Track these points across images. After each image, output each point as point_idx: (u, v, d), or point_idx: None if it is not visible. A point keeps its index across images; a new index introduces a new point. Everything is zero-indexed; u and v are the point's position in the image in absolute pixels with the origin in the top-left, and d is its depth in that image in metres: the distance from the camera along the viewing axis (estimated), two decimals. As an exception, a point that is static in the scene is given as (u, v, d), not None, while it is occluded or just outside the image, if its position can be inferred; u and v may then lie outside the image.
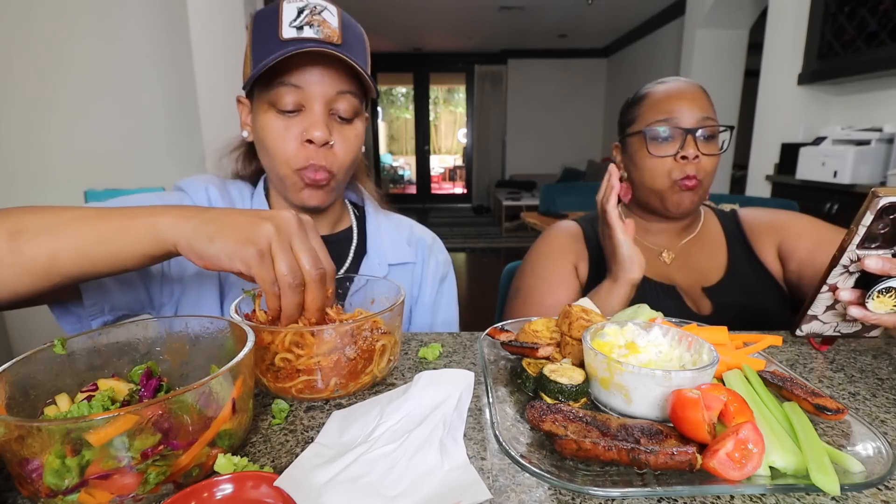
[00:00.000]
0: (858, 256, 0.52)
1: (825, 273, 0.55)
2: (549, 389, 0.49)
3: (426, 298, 0.89)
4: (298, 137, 0.69)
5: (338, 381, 0.53)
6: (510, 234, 6.64)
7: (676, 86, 0.88)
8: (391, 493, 0.37)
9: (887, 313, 0.53)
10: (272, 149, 0.70)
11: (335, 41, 0.66)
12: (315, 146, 0.69)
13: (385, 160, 10.55)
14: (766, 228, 0.93)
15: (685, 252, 0.95)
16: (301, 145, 0.69)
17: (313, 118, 0.68)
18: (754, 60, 3.46)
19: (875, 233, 0.50)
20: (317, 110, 0.68)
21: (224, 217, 0.51)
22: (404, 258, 0.86)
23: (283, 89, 0.67)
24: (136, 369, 0.49)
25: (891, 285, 0.51)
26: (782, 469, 0.39)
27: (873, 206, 0.49)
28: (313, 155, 0.69)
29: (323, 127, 0.68)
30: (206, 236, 0.49)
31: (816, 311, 0.59)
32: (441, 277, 0.91)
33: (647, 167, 0.88)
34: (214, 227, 0.49)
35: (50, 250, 0.49)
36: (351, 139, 0.72)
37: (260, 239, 0.48)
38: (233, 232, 0.49)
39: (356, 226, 0.88)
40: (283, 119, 0.69)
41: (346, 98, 0.70)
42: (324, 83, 0.68)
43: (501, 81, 8.12)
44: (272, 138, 0.69)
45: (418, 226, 0.95)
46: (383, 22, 6.11)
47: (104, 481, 0.35)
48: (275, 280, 0.49)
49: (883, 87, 2.46)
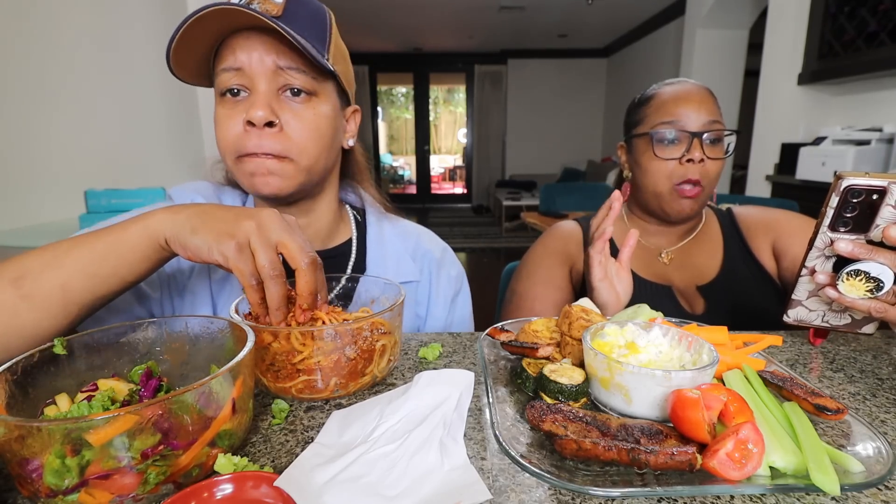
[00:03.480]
0: (831, 240, 0.53)
1: (805, 255, 0.56)
2: (549, 389, 0.49)
3: (436, 319, 0.83)
4: (242, 122, 0.63)
5: (338, 381, 0.53)
6: (510, 234, 6.64)
7: (684, 88, 0.88)
8: (391, 493, 0.37)
9: (861, 298, 0.53)
10: (218, 138, 0.65)
11: (274, 13, 0.62)
12: (257, 128, 0.63)
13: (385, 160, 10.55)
14: (762, 226, 0.93)
15: (684, 252, 0.95)
16: (244, 130, 0.63)
17: (254, 97, 0.63)
18: (754, 60, 3.46)
19: (845, 216, 0.51)
20: (260, 89, 0.63)
21: (209, 212, 0.52)
22: (407, 276, 0.80)
23: (225, 75, 0.63)
24: (136, 369, 0.49)
25: (859, 268, 0.51)
26: (782, 469, 0.39)
27: (837, 187, 0.50)
28: (256, 138, 0.63)
29: (264, 106, 0.62)
30: (189, 229, 0.51)
31: (800, 295, 0.59)
32: (453, 294, 0.85)
33: (651, 169, 0.88)
34: (198, 221, 0.51)
35: (59, 283, 0.50)
36: (308, 119, 0.65)
37: (239, 233, 0.50)
38: (214, 225, 0.50)
39: (356, 237, 0.82)
40: (227, 105, 0.65)
41: (292, 74, 0.64)
42: (263, 61, 0.62)
43: (501, 81, 8.12)
44: (217, 128, 0.65)
45: (427, 236, 0.87)
46: (383, 22, 6.12)
47: (104, 481, 0.35)
48: (252, 272, 0.50)
49: (883, 87, 2.46)
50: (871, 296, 0.52)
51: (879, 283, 0.51)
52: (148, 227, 0.52)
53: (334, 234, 0.81)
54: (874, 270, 0.50)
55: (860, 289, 0.52)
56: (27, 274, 0.50)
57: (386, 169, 10.61)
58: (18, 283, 0.50)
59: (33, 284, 0.50)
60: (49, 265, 0.51)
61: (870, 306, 0.53)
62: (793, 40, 2.82)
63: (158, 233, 0.51)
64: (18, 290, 0.50)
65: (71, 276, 0.51)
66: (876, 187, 0.49)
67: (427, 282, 0.83)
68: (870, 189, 0.49)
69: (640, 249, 0.96)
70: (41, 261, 0.51)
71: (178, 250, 0.52)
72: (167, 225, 0.51)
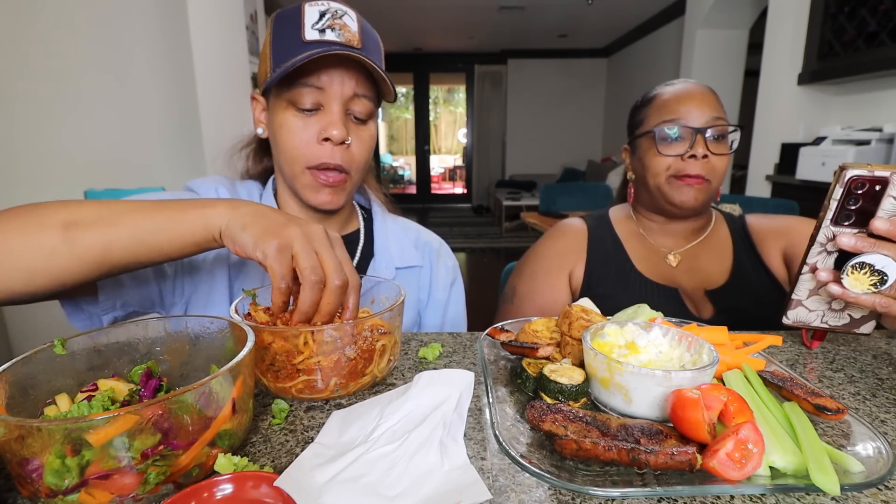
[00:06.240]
0: (833, 234, 0.53)
1: (805, 252, 0.55)
2: (549, 389, 0.49)
3: (437, 301, 0.89)
4: (316, 136, 0.70)
5: (338, 381, 0.53)
6: (510, 234, 6.64)
7: (685, 87, 0.88)
8: (391, 493, 0.37)
9: (865, 293, 0.52)
10: (289, 146, 0.71)
11: (355, 45, 0.69)
12: (332, 144, 0.70)
13: (385, 160, 10.55)
14: (773, 233, 0.93)
15: (692, 255, 0.94)
16: (318, 144, 0.71)
17: (332, 117, 0.70)
18: (754, 60, 3.46)
19: (847, 209, 0.51)
20: (335, 110, 0.70)
21: (263, 213, 0.54)
22: (411, 261, 0.87)
23: (305, 90, 0.69)
24: (136, 369, 0.49)
25: (864, 261, 0.51)
26: (782, 469, 0.39)
27: (841, 179, 0.50)
28: (329, 153, 0.71)
29: (341, 126, 0.70)
30: (240, 224, 0.52)
31: (800, 295, 0.59)
32: (451, 282, 0.91)
33: (653, 166, 0.88)
34: (250, 219, 0.53)
35: (106, 240, 0.52)
36: (366, 140, 0.75)
37: (283, 234, 0.51)
38: (263, 224, 0.52)
39: (363, 228, 0.88)
40: (301, 118, 0.70)
41: (361, 101, 0.72)
42: (344, 85, 0.70)
43: (501, 81, 8.11)
44: (289, 136, 0.71)
45: (425, 230, 0.95)
46: (383, 22, 6.11)
47: (104, 481, 0.35)
48: (284, 275, 0.50)
49: (883, 87, 2.46)
50: (875, 290, 0.52)
51: (884, 277, 0.50)
52: (208, 216, 0.53)
53: (346, 225, 0.87)
54: (879, 263, 0.50)
55: (864, 283, 0.52)
56: (80, 222, 0.51)
57: (386, 169, 10.61)
58: (69, 227, 0.51)
59: (81, 234, 0.51)
60: (102, 221, 0.52)
61: (874, 301, 0.52)
62: (793, 40, 2.82)
63: (215, 225, 0.53)
64: (65, 232, 0.51)
65: (119, 237, 0.52)
66: (879, 178, 0.49)
67: (428, 268, 0.90)
68: (873, 180, 0.49)
69: (646, 250, 0.95)
70: (96, 215, 0.52)
71: (228, 244, 0.53)
72: (225, 219, 0.53)
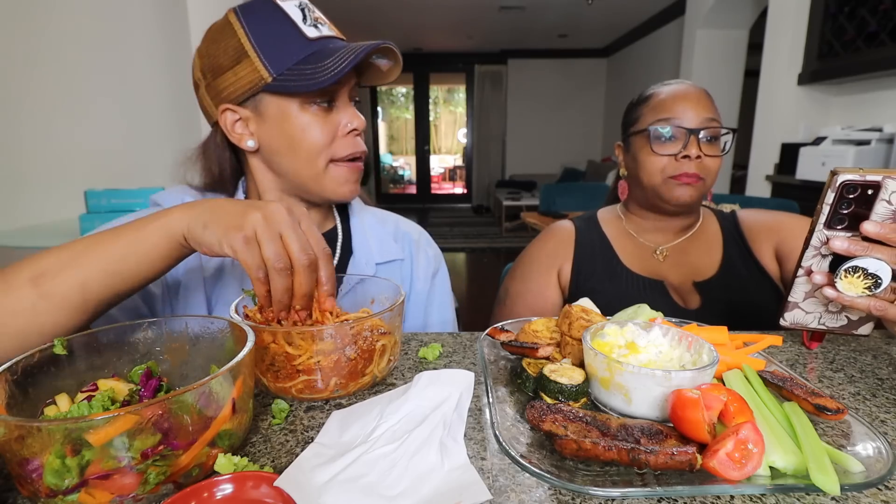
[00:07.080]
0: (827, 238, 0.53)
1: (800, 256, 0.55)
2: (549, 389, 0.49)
3: (417, 295, 0.88)
4: (338, 129, 0.72)
5: (338, 381, 0.53)
6: (510, 234, 6.63)
7: (681, 87, 0.89)
8: (391, 493, 0.37)
9: (860, 297, 0.52)
10: (316, 144, 0.71)
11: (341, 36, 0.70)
12: (356, 134, 0.73)
13: (385, 160, 10.54)
14: (764, 229, 0.94)
15: (680, 250, 0.95)
16: (343, 136, 0.72)
17: (349, 108, 0.73)
18: (754, 60, 3.46)
19: (840, 213, 0.51)
20: (345, 100, 0.73)
21: (220, 206, 0.53)
22: (391, 255, 0.86)
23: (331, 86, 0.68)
24: (136, 369, 0.49)
25: (857, 265, 0.51)
26: (782, 469, 0.39)
27: (833, 183, 0.50)
28: (355, 143, 0.73)
29: (360, 115, 0.73)
30: (201, 224, 0.52)
31: (796, 297, 0.58)
32: (433, 272, 0.90)
33: (647, 164, 0.89)
34: (209, 216, 0.52)
35: (78, 282, 0.51)
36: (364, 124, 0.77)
37: (246, 225, 0.50)
38: (223, 219, 0.51)
39: (340, 225, 0.87)
40: (320, 114, 0.71)
41: (355, 87, 0.74)
42: (349, 76, 0.72)
43: (501, 81, 8.11)
44: (315, 134, 0.71)
45: (404, 220, 0.94)
46: (383, 21, 6.11)
47: (104, 481, 0.35)
48: (260, 265, 0.50)
49: (883, 87, 2.46)
50: (870, 293, 0.52)
51: (877, 280, 0.51)
52: (166, 225, 0.53)
53: (323, 223, 0.86)
54: (871, 266, 0.50)
55: (858, 286, 0.52)
56: (46, 273, 0.51)
57: (386, 169, 10.60)
58: (37, 281, 0.50)
59: (52, 283, 0.51)
60: (68, 264, 0.51)
61: (869, 304, 0.52)
62: (793, 40, 2.82)
63: (177, 231, 0.53)
64: (37, 288, 0.50)
65: (90, 275, 0.52)
66: (871, 182, 0.49)
67: (409, 260, 0.89)
68: (865, 184, 0.49)
69: (634, 247, 0.97)
70: (59, 260, 0.52)
71: (194, 245, 0.53)
72: (184, 222, 0.53)
